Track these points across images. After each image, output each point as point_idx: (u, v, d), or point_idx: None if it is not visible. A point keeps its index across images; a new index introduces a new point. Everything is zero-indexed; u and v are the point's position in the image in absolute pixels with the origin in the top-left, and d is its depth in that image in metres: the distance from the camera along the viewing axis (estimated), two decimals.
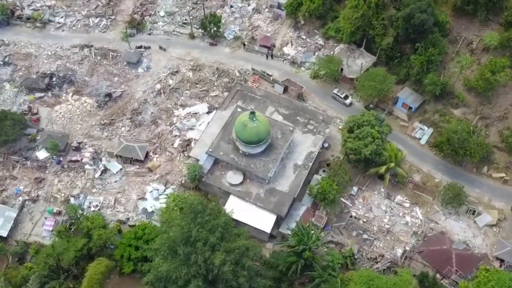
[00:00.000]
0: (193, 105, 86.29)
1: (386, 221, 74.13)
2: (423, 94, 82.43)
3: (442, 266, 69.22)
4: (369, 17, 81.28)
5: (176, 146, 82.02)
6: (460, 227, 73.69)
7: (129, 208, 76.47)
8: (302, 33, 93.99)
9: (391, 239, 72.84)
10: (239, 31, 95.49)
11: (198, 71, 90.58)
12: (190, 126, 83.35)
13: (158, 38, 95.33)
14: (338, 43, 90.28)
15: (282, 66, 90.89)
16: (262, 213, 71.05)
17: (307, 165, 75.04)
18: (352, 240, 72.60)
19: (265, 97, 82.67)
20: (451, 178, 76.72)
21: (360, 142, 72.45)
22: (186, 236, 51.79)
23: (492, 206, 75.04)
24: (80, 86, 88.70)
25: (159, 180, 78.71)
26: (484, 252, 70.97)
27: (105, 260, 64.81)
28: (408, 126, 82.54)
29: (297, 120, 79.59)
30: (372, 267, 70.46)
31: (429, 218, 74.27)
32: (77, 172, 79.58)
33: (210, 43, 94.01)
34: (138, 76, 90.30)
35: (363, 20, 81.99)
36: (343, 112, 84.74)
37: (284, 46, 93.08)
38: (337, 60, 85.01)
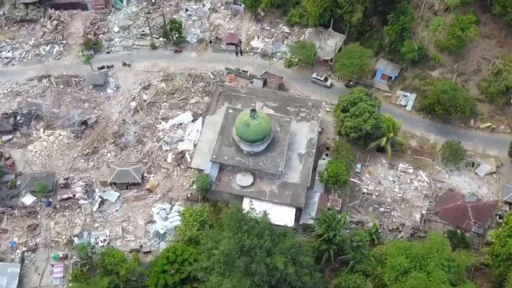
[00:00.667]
0: (175, 116, 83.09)
1: (397, 191, 75.52)
2: (399, 63, 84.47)
3: (460, 221, 71.61)
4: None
5: (170, 161, 78.68)
6: (465, 181, 76.57)
7: (139, 234, 72.61)
8: (265, 24, 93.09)
9: (407, 207, 74.34)
10: (202, 33, 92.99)
11: (171, 81, 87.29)
12: (179, 138, 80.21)
13: (119, 55, 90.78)
14: (303, 28, 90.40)
15: (254, 60, 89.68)
16: (281, 209, 69.79)
17: (311, 152, 74.69)
18: (371, 216, 73.32)
19: (250, 93, 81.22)
20: (444, 137, 79.48)
21: (359, 118, 73.16)
22: (239, 247, 49.63)
23: (488, 155, 78.63)
24: (49, 119, 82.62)
25: (162, 200, 75.28)
26: (494, 200, 74.24)
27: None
28: (391, 95, 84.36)
29: (288, 110, 78.91)
30: (396, 238, 71.65)
31: (435, 179, 76.50)
32: (73, 210, 74.37)
33: (175, 50, 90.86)
34: (109, 98, 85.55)
35: (329, 1, 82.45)
36: (326, 95, 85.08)
37: (250, 40, 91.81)
38: (310, 44, 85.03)
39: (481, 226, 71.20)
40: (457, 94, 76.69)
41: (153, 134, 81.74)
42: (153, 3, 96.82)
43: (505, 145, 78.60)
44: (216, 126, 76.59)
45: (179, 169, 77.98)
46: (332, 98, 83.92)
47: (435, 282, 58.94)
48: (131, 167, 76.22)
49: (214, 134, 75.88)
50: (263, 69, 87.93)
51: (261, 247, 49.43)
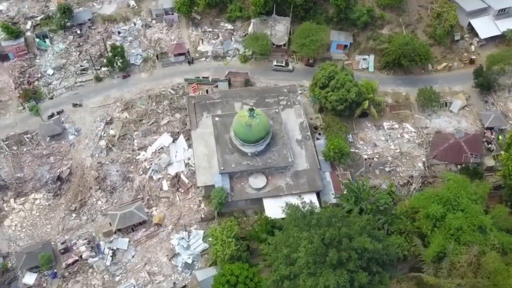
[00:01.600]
0: (152, 142, 77.95)
1: (393, 147, 78.05)
2: (349, 30, 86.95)
3: (459, 157, 75.98)
4: None
5: (166, 188, 73.87)
6: (445, 121, 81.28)
7: (167, 272, 67.48)
8: (205, 27, 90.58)
9: (407, 159, 77.16)
10: (144, 52, 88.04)
11: (132, 108, 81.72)
12: (167, 162, 75.44)
13: (64, 97, 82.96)
14: (246, 21, 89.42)
15: (208, 64, 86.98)
16: (306, 197, 68.53)
17: (307, 135, 74.47)
18: (380, 178, 75.11)
19: (224, 96, 78.73)
20: (412, 87, 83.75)
21: (342, 90, 74.34)
22: (321, 241, 47.93)
23: (455, 92, 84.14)
24: (16, 187, 73.39)
25: (175, 229, 70.58)
26: (477, 129, 79.76)
27: None
28: (351, 62, 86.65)
29: (268, 102, 77.81)
30: (410, 191, 74.19)
31: (420, 127, 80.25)
32: (85, 272, 67.04)
33: (123, 76, 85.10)
34: (74, 144, 77.93)
35: None
36: (291, 79, 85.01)
37: (197, 46, 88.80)
38: (262, 34, 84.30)
39: (477, 156, 76.19)
40: (416, 43, 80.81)
41: (137, 167, 76.10)
42: (79, 35, 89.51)
43: (464, 79, 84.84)
44: (206, 139, 73.42)
45: (180, 194, 73.54)
46: (298, 81, 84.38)
47: (474, 216, 62.07)
48: (132, 207, 70.38)
49: (207, 147, 72.71)
50: (220, 71, 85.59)
51: (340, 235, 48.22)
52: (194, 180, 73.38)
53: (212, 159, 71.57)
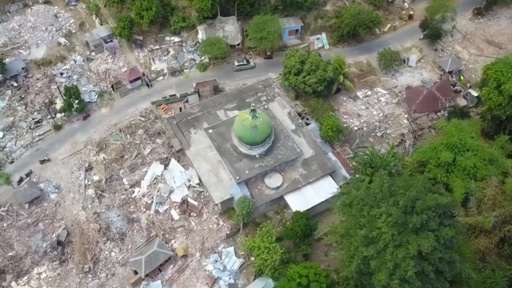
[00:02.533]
0: (143, 175, 72.84)
1: (376, 113, 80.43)
2: (295, 15, 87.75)
3: (436, 105, 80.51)
4: None
5: (178, 217, 69.50)
6: (409, 77, 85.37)
7: None
8: (150, 45, 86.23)
9: (393, 120, 79.94)
10: (96, 87, 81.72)
11: (107, 147, 75.65)
12: (167, 191, 70.97)
13: (26, 157, 74.37)
14: (191, 30, 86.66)
15: (168, 82, 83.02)
16: (320, 184, 68.69)
17: (299, 123, 74.29)
18: (376, 143, 77.05)
19: (204, 108, 75.70)
20: (369, 53, 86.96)
21: (319, 71, 75.06)
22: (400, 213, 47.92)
23: (407, 48, 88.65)
24: (13, 267, 64.68)
25: (204, 255, 66.81)
26: (439, 76, 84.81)
27: None
28: (307, 45, 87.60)
29: (248, 102, 76.00)
30: (406, 148, 77.04)
31: (387, 88, 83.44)
32: None
33: (83, 117, 78.34)
34: (59, 203, 70.40)
35: None
36: (255, 76, 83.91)
37: (149, 67, 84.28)
38: (216, 38, 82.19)
39: (450, 99, 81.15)
40: (366, 11, 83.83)
41: (138, 205, 70.68)
42: (18, 87, 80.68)
43: (410, 34, 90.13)
44: (204, 154, 70.36)
45: (194, 218, 69.61)
46: (263, 75, 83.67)
47: (481, 151, 66.02)
48: (153, 246, 65.27)
49: (208, 162, 69.72)
50: (183, 86, 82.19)
51: (410, 199, 48.47)
52: (202, 200, 70.22)
53: (219, 173, 68.69)
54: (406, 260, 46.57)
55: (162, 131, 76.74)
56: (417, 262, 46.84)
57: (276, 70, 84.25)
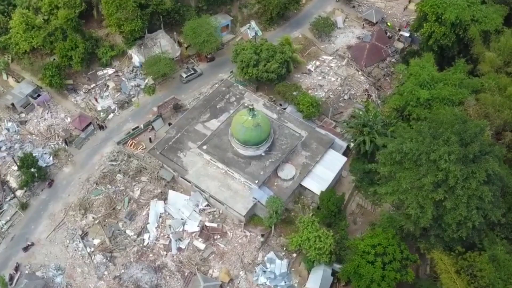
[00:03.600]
0: (145, 219, 66.48)
1: (334, 79, 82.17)
2: (219, 12, 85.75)
3: (381, 54, 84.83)
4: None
5: (204, 246, 64.77)
6: (343, 37, 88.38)
7: None
8: (85, 86, 78.31)
9: (351, 80, 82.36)
10: (46, 148, 72.19)
11: (92, 206, 67.66)
12: (180, 224, 65.71)
13: (3, 251, 63.76)
14: (123, 56, 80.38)
15: (122, 116, 76.39)
16: (326, 160, 68.48)
17: (278, 110, 73.43)
18: (349, 107, 79.04)
19: (179, 128, 70.88)
20: (300, 27, 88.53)
21: (277, 55, 74.80)
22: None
23: (330, 12, 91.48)
24: None
25: (248, 271, 63.42)
26: (369, 28, 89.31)
27: None
28: (242, 37, 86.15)
29: (219, 107, 73.10)
30: (375, 101, 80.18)
31: (331, 54, 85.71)
32: None
33: (48, 184, 69.08)
34: (69, 284, 61.67)
35: (137, 11, 74.80)
36: (206, 81, 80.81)
37: (94, 109, 76.49)
38: (156, 57, 77.14)
39: (391, 46, 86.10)
40: None
41: (155, 251, 64.55)
42: None
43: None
44: (206, 172, 66.43)
45: (220, 240, 65.51)
46: (214, 78, 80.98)
47: (449, 78, 71.14)
48: (199, 284, 60.10)
49: (214, 179, 66.00)
50: (139, 116, 76.24)
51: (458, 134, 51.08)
52: (219, 219, 66.53)
53: (230, 185, 65.34)
54: (479, 188, 48.83)
55: (143, 167, 70.59)
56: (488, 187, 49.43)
57: (224, 70, 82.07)
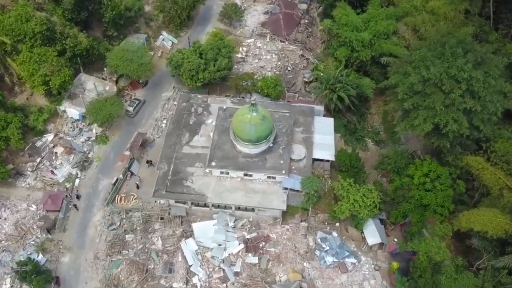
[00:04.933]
0: (183, 265, 60.15)
1: (269, 57, 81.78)
2: (129, 34, 79.21)
3: (294, 20, 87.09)
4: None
5: (257, 258, 60.84)
6: (251, 16, 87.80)
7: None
8: (28, 165, 66.93)
9: (287, 51, 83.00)
10: (28, 248, 60.43)
11: (120, 280, 59.05)
12: (221, 252, 60.77)
13: None
14: (57, 117, 70.35)
15: (90, 177, 67.17)
16: (319, 127, 68.10)
17: (252, 101, 69.36)
18: (298, 76, 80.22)
19: (167, 159, 64.67)
20: (210, 21, 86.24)
21: (222, 51, 72.61)
22: None
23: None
24: None
25: (309, 258, 61.68)
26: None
27: None
28: (160, 50, 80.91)
29: (192, 122, 68.45)
30: (313, 62, 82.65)
31: (249, 36, 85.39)
32: None
33: (56, 283, 58.50)
34: None
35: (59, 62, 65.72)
36: (154, 106, 74.76)
37: (53, 185, 65.80)
38: (99, 101, 68.89)
39: (297, 9, 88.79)
40: None
41: (214, 286, 59.20)
42: None
43: None
44: (226, 187, 62.51)
45: (267, 245, 62.39)
46: (160, 101, 75.35)
47: (380, 12, 76.42)
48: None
49: (237, 190, 62.37)
50: (108, 168, 67.88)
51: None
52: (253, 227, 63.50)
53: (253, 188, 62.49)
54: (497, 82, 54.41)
55: (148, 216, 63.43)
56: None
57: (164, 88, 76.86)
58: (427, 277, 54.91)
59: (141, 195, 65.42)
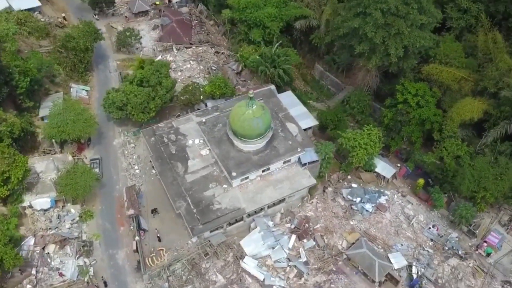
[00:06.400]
0: (257, 284, 56.78)
1: (189, 66, 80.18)
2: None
3: (187, 24, 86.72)
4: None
5: (312, 240, 60.40)
6: (142, 35, 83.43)
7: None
8: (25, 275, 54.58)
9: (197, 56, 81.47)
10: None
11: None
12: (280, 252, 58.78)
13: None
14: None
15: (101, 257, 58.02)
16: (284, 99, 69.93)
17: (216, 106, 68.47)
18: (228, 69, 79.51)
19: (177, 194, 59.07)
20: (110, 57, 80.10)
21: (162, 70, 68.28)
22: None
23: (108, 29, 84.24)
24: None
25: (349, 217, 63.63)
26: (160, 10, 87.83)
27: None
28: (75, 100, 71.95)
29: (175, 153, 63.24)
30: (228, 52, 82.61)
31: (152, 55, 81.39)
32: None
33: None
34: None
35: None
36: (113, 159, 67.09)
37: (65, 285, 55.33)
38: (68, 177, 59.19)
39: (183, 14, 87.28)
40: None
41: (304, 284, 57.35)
42: None
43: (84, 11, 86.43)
44: (254, 190, 60.15)
45: (312, 224, 62.25)
46: (117, 152, 68.12)
47: None
48: (362, 247, 57.97)
49: (263, 189, 60.58)
50: (113, 239, 59.37)
51: None
52: (288, 215, 62.97)
53: (277, 179, 61.45)
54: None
55: (190, 260, 57.79)
56: None
57: (108, 139, 69.48)
58: (459, 173, 61.22)
59: (167, 244, 59.13)
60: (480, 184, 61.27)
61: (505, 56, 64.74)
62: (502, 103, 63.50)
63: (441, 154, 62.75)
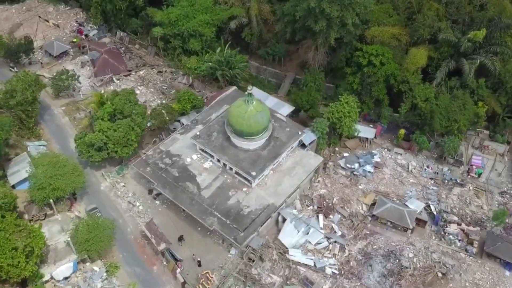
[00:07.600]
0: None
1: (144, 90, 76.83)
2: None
3: (116, 52, 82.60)
4: None
5: (336, 214, 62.27)
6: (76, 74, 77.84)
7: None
8: None
9: (144, 80, 78.22)
10: None
11: None
12: (317, 234, 59.57)
13: None
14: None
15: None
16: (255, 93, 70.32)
17: (195, 120, 66.94)
18: (177, 85, 77.56)
19: (202, 214, 57.18)
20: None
21: (131, 101, 64.57)
22: None
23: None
24: None
25: (360, 182, 66.88)
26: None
27: None
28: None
29: (172, 174, 60.83)
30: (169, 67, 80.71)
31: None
32: None
33: None
34: None
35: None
36: (112, 208, 61.67)
37: None
38: (83, 227, 53.39)
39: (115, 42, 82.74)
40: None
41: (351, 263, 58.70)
42: None
43: None
44: (274, 184, 59.95)
45: (328, 200, 64.02)
46: (110, 196, 63.22)
47: None
48: (386, 204, 61.15)
49: (280, 181, 60.90)
50: (153, 285, 55.22)
51: None
52: (307, 199, 64.15)
53: (289, 166, 62.46)
54: None
55: (239, 273, 56.10)
56: None
57: (94, 186, 64.10)
58: (435, 112, 67.58)
59: (209, 266, 56.54)
60: (450, 118, 68.27)
61: (432, 3, 72.99)
62: (441, 46, 71.57)
63: (415, 101, 68.54)
